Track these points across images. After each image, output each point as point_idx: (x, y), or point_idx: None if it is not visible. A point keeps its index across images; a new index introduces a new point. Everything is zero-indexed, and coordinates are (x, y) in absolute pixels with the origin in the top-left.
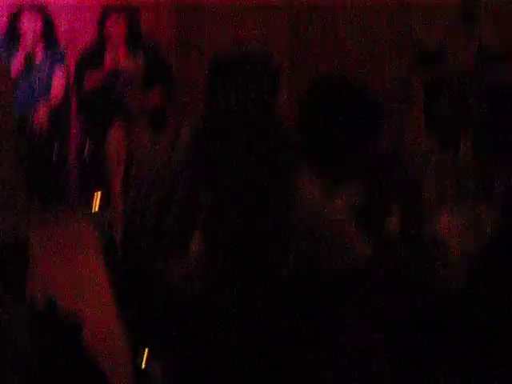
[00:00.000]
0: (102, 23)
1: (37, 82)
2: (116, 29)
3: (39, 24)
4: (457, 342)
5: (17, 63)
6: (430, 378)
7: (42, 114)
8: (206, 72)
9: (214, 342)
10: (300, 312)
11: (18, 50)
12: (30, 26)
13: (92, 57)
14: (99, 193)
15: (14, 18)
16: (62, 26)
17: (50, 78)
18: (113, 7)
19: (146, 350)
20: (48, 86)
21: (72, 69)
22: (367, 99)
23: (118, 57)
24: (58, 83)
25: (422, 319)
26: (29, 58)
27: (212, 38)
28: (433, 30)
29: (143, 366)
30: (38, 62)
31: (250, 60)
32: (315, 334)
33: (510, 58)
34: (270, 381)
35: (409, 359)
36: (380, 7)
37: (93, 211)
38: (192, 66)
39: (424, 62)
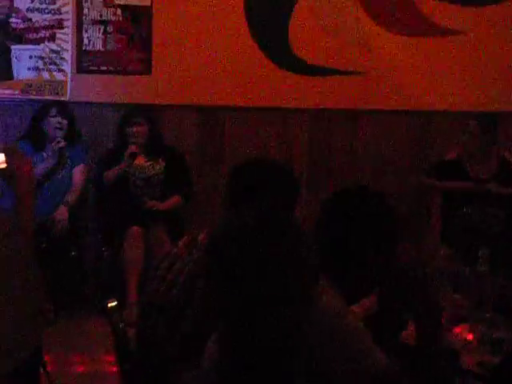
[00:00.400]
0: (123, 124)
1: (60, 181)
2: (137, 130)
3: (65, 122)
4: None
5: (42, 162)
6: None
7: (62, 213)
8: (227, 178)
9: None
10: None
11: (42, 150)
12: (55, 124)
13: (112, 158)
14: (113, 298)
15: (39, 117)
16: (84, 124)
17: (72, 176)
18: (134, 109)
19: None
20: (69, 185)
21: (92, 167)
22: (385, 209)
23: (138, 159)
24: (79, 182)
25: None
26: (53, 157)
27: (233, 142)
28: (452, 140)
29: None
30: (62, 161)
31: (270, 170)
32: None
33: None
34: None
35: None
36: (399, 115)
37: (108, 313)
38: (212, 171)
39: (441, 170)
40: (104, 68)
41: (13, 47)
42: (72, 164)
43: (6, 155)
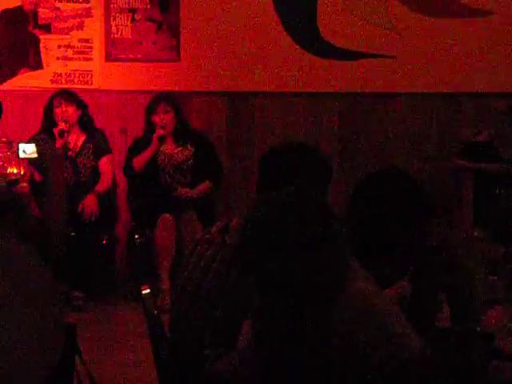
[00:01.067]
0: (148, 113)
1: (79, 169)
2: (163, 118)
3: (70, 109)
4: None
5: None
6: None
7: (91, 199)
8: (258, 162)
9: None
10: None
11: (56, 139)
12: (60, 113)
13: (141, 146)
14: (146, 285)
15: (48, 110)
16: (113, 112)
17: (94, 163)
18: (158, 97)
19: None
20: (92, 171)
21: (118, 154)
22: (415, 191)
23: (166, 147)
24: (107, 172)
25: None
26: (67, 145)
27: (262, 127)
28: (482, 122)
29: None
30: (78, 148)
31: (302, 154)
32: None
33: None
34: None
35: None
36: (428, 98)
37: (141, 300)
38: (242, 157)
39: (472, 152)
40: (132, 56)
41: (42, 37)
42: (95, 153)
43: (36, 145)
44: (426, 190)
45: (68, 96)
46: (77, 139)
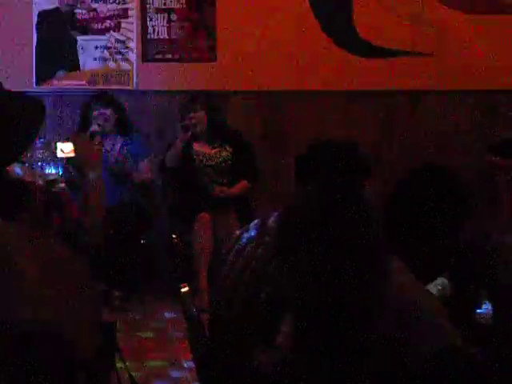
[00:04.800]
0: (182, 110)
1: (115, 170)
2: (193, 117)
3: (107, 111)
4: None
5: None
6: None
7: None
8: (296, 159)
9: None
10: None
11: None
12: (98, 116)
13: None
14: (185, 283)
15: (85, 115)
16: (150, 112)
17: (132, 164)
18: (191, 97)
19: None
20: (130, 172)
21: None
22: (455, 187)
23: (204, 147)
24: (142, 170)
25: None
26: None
27: (299, 126)
28: None
29: None
30: (116, 153)
31: (339, 151)
32: None
33: None
34: None
35: None
36: (464, 94)
37: (181, 299)
38: (279, 156)
39: (508, 150)
40: (169, 56)
41: (78, 38)
42: (134, 158)
43: (74, 144)
44: (465, 187)
45: (105, 100)
46: (114, 143)
